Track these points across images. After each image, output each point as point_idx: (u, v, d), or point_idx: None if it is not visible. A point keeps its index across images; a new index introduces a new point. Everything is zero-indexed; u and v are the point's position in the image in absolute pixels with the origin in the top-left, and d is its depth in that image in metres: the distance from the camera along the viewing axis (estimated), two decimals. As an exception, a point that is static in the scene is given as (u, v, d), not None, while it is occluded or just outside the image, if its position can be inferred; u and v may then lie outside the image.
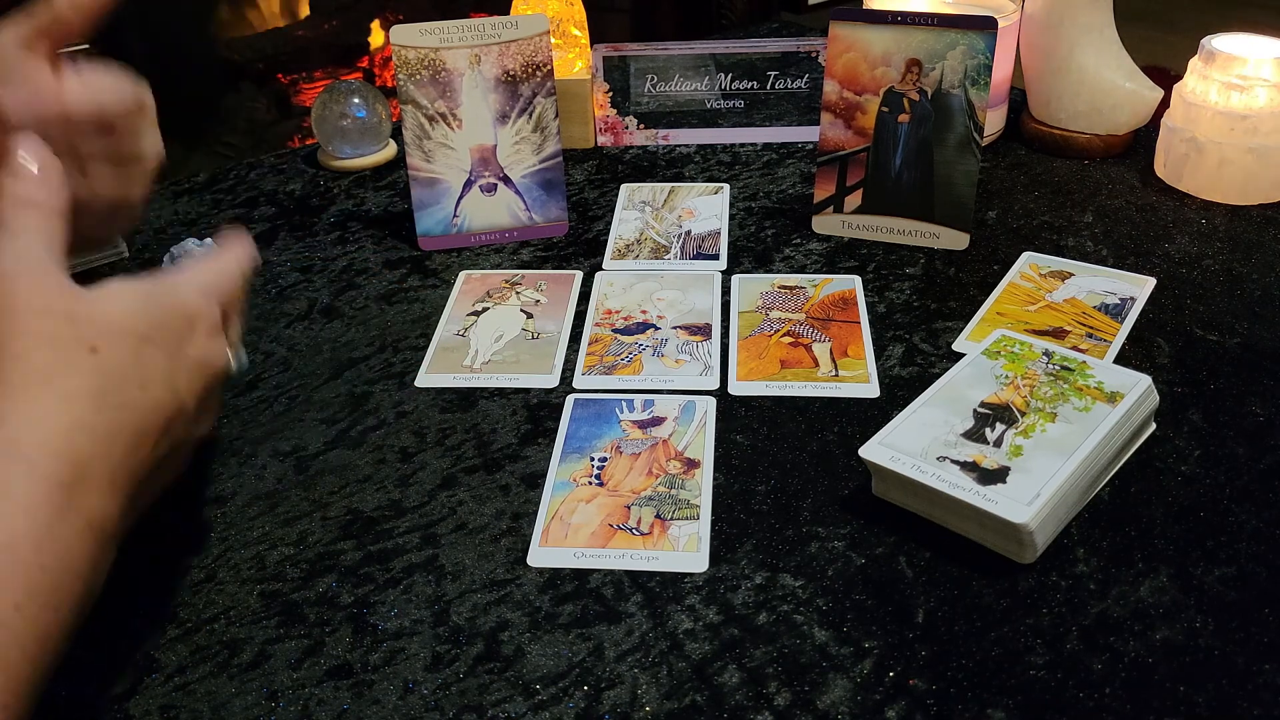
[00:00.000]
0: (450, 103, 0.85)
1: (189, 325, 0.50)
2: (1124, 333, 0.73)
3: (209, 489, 0.63)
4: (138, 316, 0.48)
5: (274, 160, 1.06)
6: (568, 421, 0.67)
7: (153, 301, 0.49)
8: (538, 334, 0.76)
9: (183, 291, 0.51)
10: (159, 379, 0.48)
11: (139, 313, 0.48)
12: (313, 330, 0.78)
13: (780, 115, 1.05)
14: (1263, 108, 0.86)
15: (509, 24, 0.84)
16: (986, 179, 0.95)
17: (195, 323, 0.51)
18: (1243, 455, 0.62)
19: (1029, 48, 0.98)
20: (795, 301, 0.78)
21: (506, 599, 0.55)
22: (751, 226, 0.90)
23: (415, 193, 0.86)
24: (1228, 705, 0.48)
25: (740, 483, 0.62)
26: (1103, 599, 0.53)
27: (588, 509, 0.60)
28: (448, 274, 0.85)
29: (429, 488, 0.62)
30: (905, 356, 0.72)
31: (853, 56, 0.82)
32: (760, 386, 0.69)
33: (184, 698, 0.50)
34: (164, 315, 0.49)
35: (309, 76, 2.31)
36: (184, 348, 0.50)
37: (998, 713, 0.48)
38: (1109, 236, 0.85)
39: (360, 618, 0.54)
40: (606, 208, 0.94)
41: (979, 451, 0.57)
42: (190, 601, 0.55)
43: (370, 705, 0.49)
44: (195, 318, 0.51)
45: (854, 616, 0.53)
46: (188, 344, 0.50)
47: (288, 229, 0.93)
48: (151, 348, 0.48)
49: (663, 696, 0.49)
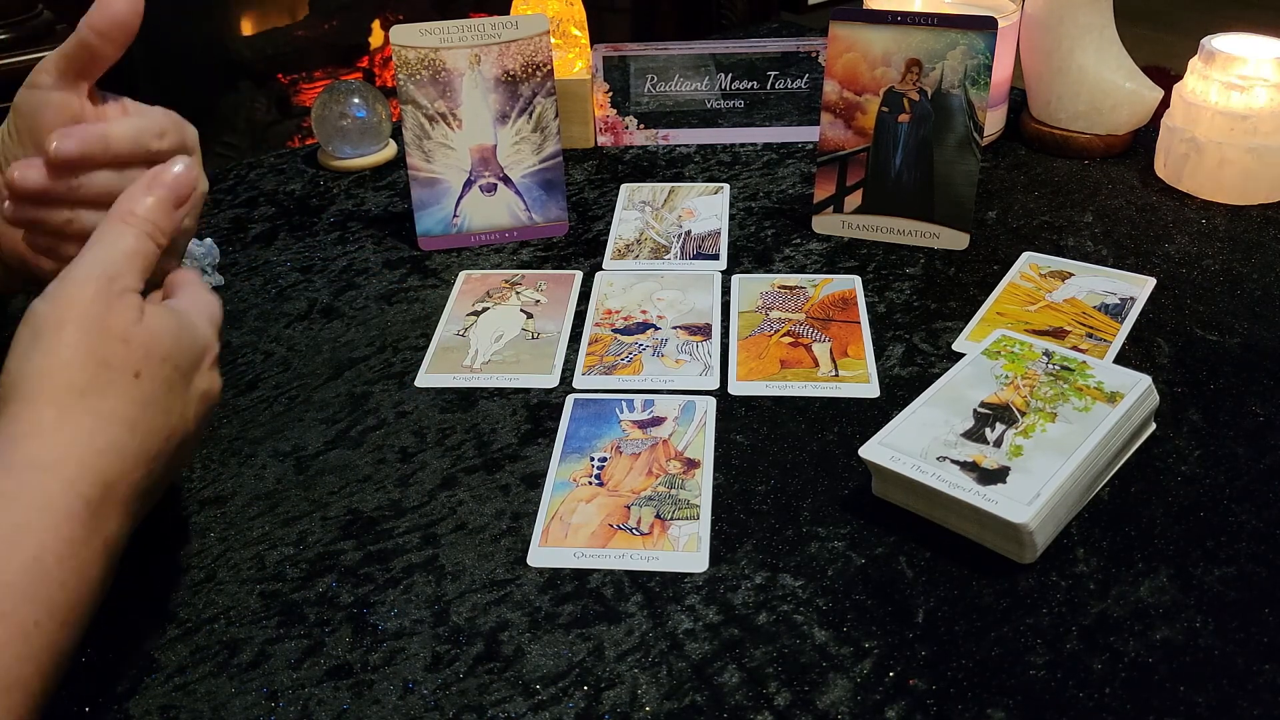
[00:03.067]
0: (450, 103, 0.85)
1: (202, 357, 0.52)
2: (1124, 333, 0.73)
3: (209, 489, 0.63)
4: (174, 345, 0.49)
5: (274, 160, 1.06)
6: (568, 421, 0.67)
7: (184, 333, 0.50)
8: (538, 334, 0.76)
9: (199, 323, 0.52)
10: (178, 407, 0.49)
11: (175, 342, 0.49)
12: (313, 330, 0.78)
13: (780, 115, 1.05)
14: (1263, 108, 0.86)
15: (509, 24, 0.84)
16: (986, 179, 0.95)
17: (206, 354, 0.52)
18: (1243, 455, 0.62)
19: (1029, 48, 0.98)
20: (795, 301, 0.78)
21: (506, 599, 0.55)
22: (751, 226, 0.90)
23: (415, 193, 0.86)
24: (1228, 705, 0.48)
25: (740, 483, 0.62)
26: (1103, 599, 0.53)
27: (588, 509, 0.60)
28: (448, 274, 0.85)
29: (429, 488, 0.62)
30: (905, 356, 0.72)
31: (853, 56, 0.82)
32: (760, 386, 0.69)
33: (184, 698, 0.50)
34: (189, 345, 0.50)
35: (309, 76, 2.31)
36: (197, 378, 0.51)
37: (998, 713, 0.48)
38: (1109, 236, 0.85)
39: (360, 618, 0.54)
40: (606, 208, 0.94)
41: (979, 451, 0.57)
42: (190, 601, 0.55)
43: (370, 705, 0.49)
44: (207, 350, 0.52)
45: (854, 616, 0.53)
46: (199, 375, 0.51)
47: (288, 229, 0.93)
48: (178, 376, 0.49)
49: (663, 696, 0.49)
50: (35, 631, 0.40)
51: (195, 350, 0.51)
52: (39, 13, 1.65)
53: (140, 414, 0.47)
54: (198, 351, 0.51)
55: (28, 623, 0.40)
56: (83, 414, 0.45)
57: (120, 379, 0.46)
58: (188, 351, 0.50)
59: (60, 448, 0.44)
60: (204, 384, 0.52)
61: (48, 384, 0.44)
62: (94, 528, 0.44)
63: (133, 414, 0.46)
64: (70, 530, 0.43)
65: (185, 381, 0.50)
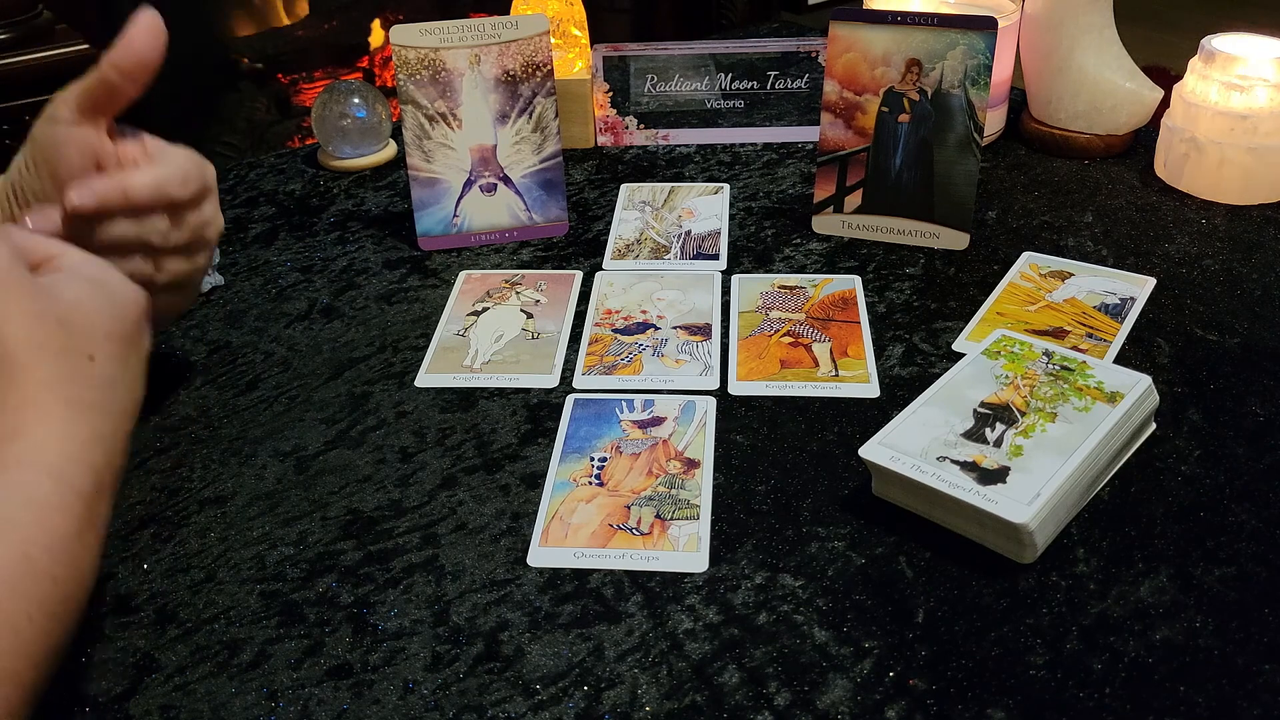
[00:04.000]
0: (450, 103, 0.85)
1: (139, 317, 0.50)
2: (1124, 333, 0.73)
3: (209, 489, 0.63)
4: (115, 320, 0.48)
5: (274, 160, 1.06)
6: (568, 421, 0.67)
7: (115, 302, 0.48)
8: (538, 334, 0.76)
9: (113, 281, 0.50)
10: (133, 380, 0.48)
11: (114, 315, 0.48)
12: (313, 330, 0.78)
13: (780, 115, 1.05)
14: (1263, 108, 0.86)
15: (509, 24, 0.84)
16: (986, 179, 0.95)
17: (143, 314, 0.50)
18: (1243, 455, 0.62)
19: (1029, 48, 0.98)
20: (795, 301, 0.78)
21: (506, 599, 0.55)
22: (751, 226, 0.90)
23: (415, 193, 0.86)
24: (1228, 705, 0.48)
25: (740, 483, 0.62)
26: (1103, 599, 0.53)
27: (588, 509, 0.60)
28: (448, 274, 0.85)
29: (429, 488, 0.62)
30: (905, 356, 0.72)
31: (853, 56, 0.82)
32: (760, 386, 0.69)
33: (184, 698, 0.50)
34: (124, 313, 0.49)
35: (309, 76, 2.31)
36: (140, 342, 0.49)
37: (998, 713, 0.48)
38: (1109, 236, 0.85)
39: (360, 618, 0.54)
40: (606, 208, 0.94)
41: (979, 451, 0.57)
42: (190, 601, 0.55)
43: (370, 705, 0.49)
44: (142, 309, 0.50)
45: (854, 616, 0.53)
46: (141, 339, 0.50)
47: (288, 229, 0.93)
48: (126, 348, 0.48)
49: (663, 696, 0.49)
50: (27, 626, 0.40)
51: (132, 315, 0.49)
52: (39, 13, 1.65)
53: (107, 397, 0.46)
54: (135, 316, 0.49)
55: (19, 618, 0.40)
56: (56, 407, 0.44)
57: (76, 365, 0.45)
58: (127, 320, 0.48)
59: (45, 445, 0.43)
60: (147, 342, 0.50)
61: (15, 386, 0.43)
62: (88, 520, 0.43)
63: (101, 399, 0.46)
64: (63, 526, 0.42)
65: (134, 350, 0.48)
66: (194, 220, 0.57)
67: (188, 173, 0.55)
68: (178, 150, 0.56)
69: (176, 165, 0.55)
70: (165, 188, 0.54)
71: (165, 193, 0.54)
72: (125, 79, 0.52)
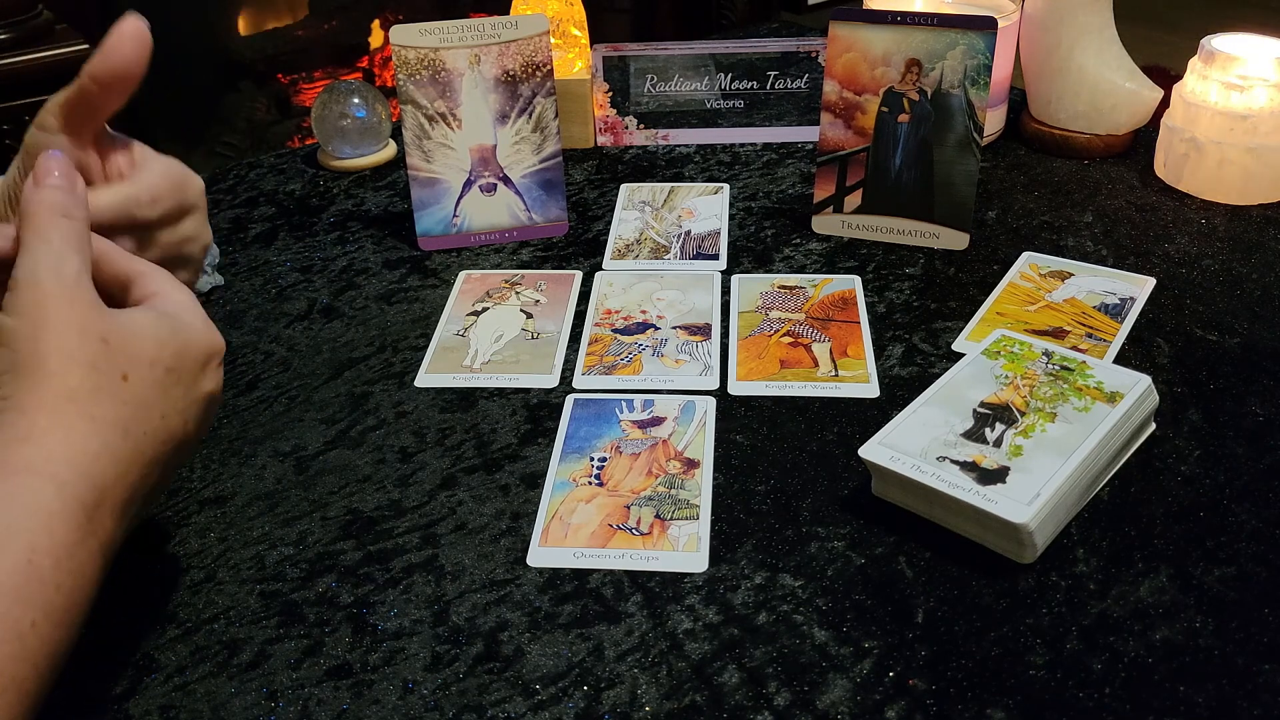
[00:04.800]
0: (450, 103, 0.85)
1: (205, 360, 0.51)
2: (1124, 333, 0.73)
3: (209, 489, 0.63)
4: (165, 348, 0.48)
5: (274, 160, 1.06)
6: (567, 421, 0.67)
7: (178, 336, 0.49)
8: (537, 334, 0.76)
9: (193, 322, 0.51)
10: (176, 410, 0.49)
11: (166, 344, 0.48)
12: (313, 330, 0.78)
13: (780, 115, 1.05)
14: (1263, 108, 0.86)
15: (509, 24, 0.84)
16: (986, 179, 0.95)
17: (211, 358, 0.51)
18: (1243, 455, 0.62)
19: (1029, 48, 0.98)
20: (795, 301, 0.78)
21: (506, 599, 0.55)
22: (751, 226, 0.90)
23: (415, 193, 0.86)
24: (1228, 705, 0.48)
25: (740, 483, 0.62)
26: (1103, 599, 0.53)
27: (587, 509, 0.60)
28: (447, 274, 0.85)
29: (429, 488, 0.62)
30: (905, 356, 0.72)
31: (853, 56, 0.82)
32: (760, 386, 0.69)
33: (184, 698, 0.50)
34: (185, 349, 0.49)
35: (309, 76, 2.31)
36: (199, 382, 0.50)
37: (998, 713, 0.48)
38: (1109, 236, 0.85)
39: (360, 618, 0.54)
40: (606, 208, 0.94)
41: (979, 451, 0.57)
42: (190, 601, 0.55)
43: (370, 705, 0.49)
44: (212, 354, 0.51)
45: (854, 616, 0.53)
46: (202, 378, 0.50)
47: (288, 229, 0.93)
48: (173, 379, 0.49)
49: (662, 696, 0.49)
50: (31, 633, 0.40)
51: (193, 353, 0.50)
52: (39, 13, 1.65)
53: (132, 417, 0.46)
54: (197, 355, 0.50)
55: (23, 624, 0.40)
56: (75, 418, 0.44)
57: (108, 382, 0.46)
58: (182, 355, 0.49)
59: (53, 452, 0.43)
60: (209, 385, 0.51)
61: (38, 392, 0.44)
62: (89, 530, 0.44)
63: (124, 417, 0.46)
64: (65, 533, 0.42)
65: (181, 384, 0.49)
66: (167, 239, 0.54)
67: (158, 192, 0.53)
68: (159, 165, 0.54)
69: (146, 185, 0.53)
70: (130, 209, 0.52)
71: (129, 214, 0.52)
72: (104, 90, 0.50)
